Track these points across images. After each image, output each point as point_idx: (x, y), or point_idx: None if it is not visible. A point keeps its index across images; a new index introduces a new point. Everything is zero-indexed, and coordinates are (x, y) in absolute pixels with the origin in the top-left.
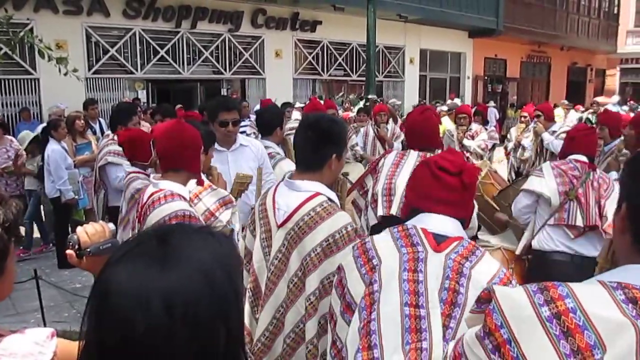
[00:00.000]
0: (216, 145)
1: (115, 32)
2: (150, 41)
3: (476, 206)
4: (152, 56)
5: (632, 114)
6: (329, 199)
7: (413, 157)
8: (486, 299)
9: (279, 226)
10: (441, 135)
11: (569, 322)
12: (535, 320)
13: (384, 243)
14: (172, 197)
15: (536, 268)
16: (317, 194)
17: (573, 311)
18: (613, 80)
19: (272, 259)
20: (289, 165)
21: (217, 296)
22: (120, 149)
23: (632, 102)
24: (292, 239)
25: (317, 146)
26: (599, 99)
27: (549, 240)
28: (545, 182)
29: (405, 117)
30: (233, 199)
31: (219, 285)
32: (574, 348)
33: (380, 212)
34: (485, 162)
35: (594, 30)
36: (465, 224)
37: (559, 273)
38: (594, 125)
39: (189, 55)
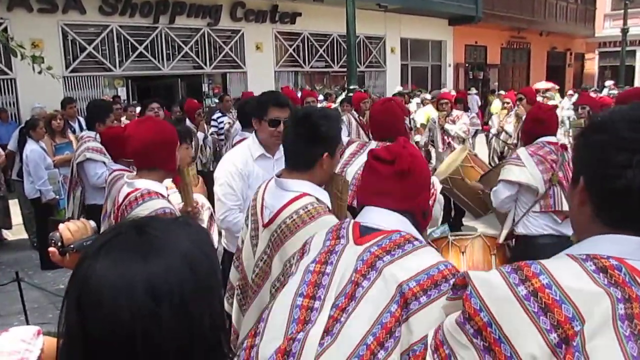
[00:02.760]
0: (260, 151)
1: (92, 30)
2: (128, 37)
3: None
4: (130, 53)
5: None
6: (318, 200)
7: (371, 148)
8: (462, 285)
9: (264, 226)
10: (425, 122)
11: (546, 298)
12: (513, 300)
13: (318, 237)
14: (150, 196)
15: (522, 252)
16: (304, 194)
17: (549, 287)
18: (592, 64)
19: (257, 260)
20: None
21: (200, 281)
22: (99, 145)
23: (612, 86)
24: (275, 241)
25: (307, 144)
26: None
27: (535, 225)
28: (528, 171)
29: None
30: (202, 203)
31: (201, 270)
32: (553, 323)
33: None
34: (465, 146)
35: (572, 15)
36: (415, 216)
37: (545, 255)
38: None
39: (168, 51)
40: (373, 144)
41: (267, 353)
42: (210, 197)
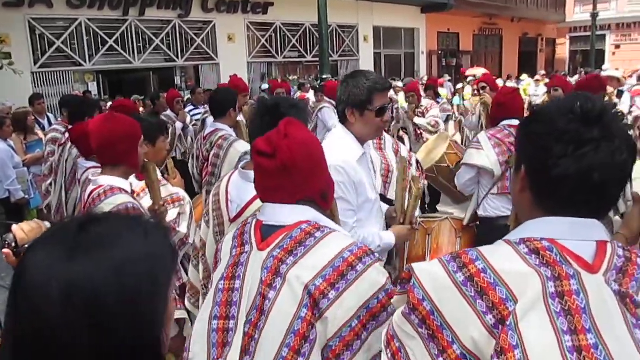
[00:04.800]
0: (360, 150)
1: (60, 23)
2: (98, 31)
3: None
4: (100, 46)
5: None
6: None
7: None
8: (408, 278)
9: (231, 221)
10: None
11: (481, 282)
12: (452, 287)
13: (227, 243)
14: (112, 192)
15: (484, 234)
16: None
17: (484, 271)
18: (563, 49)
19: None
20: (243, 146)
21: (128, 291)
22: None
23: (583, 70)
24: None
25: None
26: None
27: (493, 207)
28: (485, 154)
29: None
30: (182, 197)
31: (132, 280)
32: (489, 305)
33: None
34: (446, 134)
35: (542, 1)
36: (315, 202)
37: (503, 236)
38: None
39: (139, 44)
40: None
41: None
42: (188, 189)
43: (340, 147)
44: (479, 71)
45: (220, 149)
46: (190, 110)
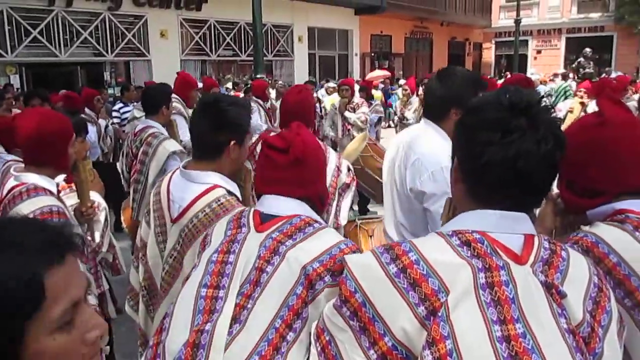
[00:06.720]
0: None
1: None
2: (21, 21)
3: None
4: (23, 37)
5: None
6: (229, 192)
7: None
8: (340, 270)
9: (173, 221)
10: (329, 109)
11: (414, 273)
12: (384, 279)
13: (219, 227)
14: (36, 192)
15: None
16: (215, 186)
17: (417, 262)
18: (489, 53)
19: (167, 257)
20: (173, 145)
21: None
22: None
23: (508, 74)
24: (187, 236)
25: (213, 131)
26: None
27: None
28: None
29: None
30: (97, 203)
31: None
32: (421, 296)
33: None
34: (365, 134)
35: (470, 6)
36: (313, 202)
37: None
38: None
39: (65, 36)
40: (333, 154)
41: (174, 348)
42: (109, 191)
43: (445, 146)
44: (381, 73)
45: (149, 147)
46: (120, 108)
